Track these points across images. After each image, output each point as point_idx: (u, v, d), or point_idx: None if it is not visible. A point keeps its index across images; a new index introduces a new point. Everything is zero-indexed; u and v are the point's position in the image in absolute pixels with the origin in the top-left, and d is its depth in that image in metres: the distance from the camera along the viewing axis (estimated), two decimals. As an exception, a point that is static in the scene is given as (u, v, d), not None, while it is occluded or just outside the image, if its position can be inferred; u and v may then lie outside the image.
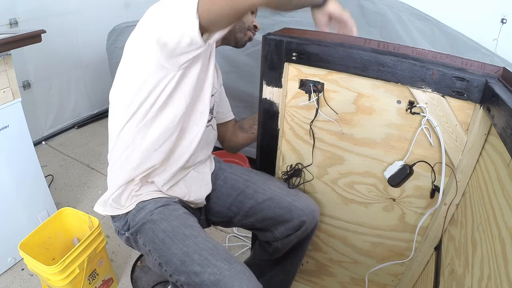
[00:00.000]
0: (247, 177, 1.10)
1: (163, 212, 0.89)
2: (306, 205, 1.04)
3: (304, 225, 1.03)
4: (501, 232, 0.61)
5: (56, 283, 1.19)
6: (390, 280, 1.19)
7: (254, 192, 1.06)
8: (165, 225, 0.86)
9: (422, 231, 1.02)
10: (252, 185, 1.07)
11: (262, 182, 1.07)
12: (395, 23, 1.68)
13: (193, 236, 0.83)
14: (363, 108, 0.94)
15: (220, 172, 1.13)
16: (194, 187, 1.03)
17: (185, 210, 0.95)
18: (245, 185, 1.08)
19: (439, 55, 0.85)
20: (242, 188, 1.08)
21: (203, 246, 0.81)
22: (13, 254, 1.50)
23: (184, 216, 0.91)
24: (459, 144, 0.85)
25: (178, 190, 0.99)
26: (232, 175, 1.12)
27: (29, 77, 2.24)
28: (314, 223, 1.07)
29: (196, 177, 1.04)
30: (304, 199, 1.05)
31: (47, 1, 2.19)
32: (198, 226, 0.89)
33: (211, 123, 1.07)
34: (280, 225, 1.05)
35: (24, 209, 1.52)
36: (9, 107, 1.37)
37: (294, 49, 0.93)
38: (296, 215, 1.02)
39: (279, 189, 1.06)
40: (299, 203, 1.03)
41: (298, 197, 1.05)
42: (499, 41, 2.20)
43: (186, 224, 0.87)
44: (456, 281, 0.77)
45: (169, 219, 0.88)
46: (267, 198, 1.04)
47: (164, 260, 0.84)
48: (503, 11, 2.19)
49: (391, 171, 0.95)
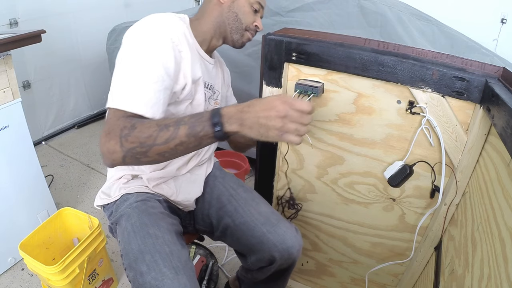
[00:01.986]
0: (233, 192, 1.04)
1: (140, 207, 0.89)
2: (282, 239, 0.93)
3: (275, 261, 0.94)
4: (501, 232, 0.61)
5: (56, 283, 1.19)
6: (390, 280, 1.19)
7: (234, 210, 0.99)
8: (136, 219, 0.86)
9: (422, 231, 1.02)
10: (234, 202, 1.01)
11: (245, 202, 1.00)
12: (395, 23, 1.68)
13: (155, 237, 0.81)
14: (363, 108, 0.94)
15: (212, 179, 1.09)
16: (184, 188, 1.00)
17: (163, 210, 0.92)
18: (228, 200, 1.02)
19: (439, 55, 0.85)
20: (225, 203, 1.02)
21: (159, 249, 0.79)
22: (13, 254, 1.50)
23: (159, 215, 0.89)
24: (459, 144, 0.85)
25: (166, 188, 0.97)
26: (221, 185, 1.07)
27: (29, 77, 2.24)
28: (290, 261, 0.96)
29: (189, 178, 1.02)
30: (282, 232, 0.94)
31: (47, 1, 2.19)
32: (167, 228, 0.85)
33: None
34: (252, 255, 0.99)
35: (24, 209, 1.52)
36: (9, 107, 1.37)
37: (294, 49, 0.93)
38: (267, 248, 0.93)
39: (258, 215, 0.97)
40: (273, 236, 0.93)
41: (276, 228, 0.94)
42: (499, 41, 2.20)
43: (155, 223, 0.85)
44: (456, 281, 0.77)
45: (141, 214, 0.87)
46: (244, 222, 0.97)
47: (124, 253, 0.83)
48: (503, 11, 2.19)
49: (391, 171, 0.95)
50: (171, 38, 0.80)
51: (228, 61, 1.80)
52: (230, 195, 1.03)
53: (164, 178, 0.97)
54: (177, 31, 0.84)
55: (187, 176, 1.01)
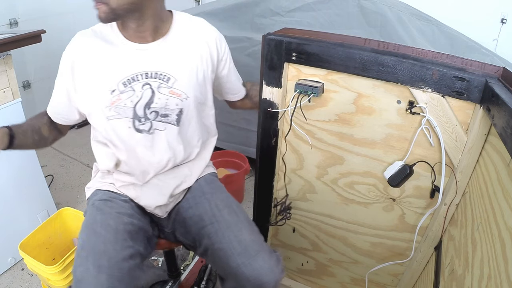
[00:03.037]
0: (217, 213, 0.96)
1: (98, 206, 0.95)
2: (257, 275, 0.85)
3: None
4: (501, 232, 0.61)
5: (56, 283, 1.19)
6: (390, 280, 1.19)
7: (214, 233, 0.92)
8: (90, 216, 0.92)
9: (422, 231, 1.02)
10: (216, 225, 0.93)
11: (226, 226, 0.92)
12: (395, 23, 1.68)
13: (98, 235, 0.86)
14: (363, 108, 0.94)
15: (199, 194, 1.02)
16: (148, 194, 0.98)
17: (125, 211, 0.94)
18: (210, 221, 0.95)
19: (439, 55, 0.85)
20: (207, 223, 0.95)
21: (95, 247, 0.83)
22: (13, 254, 1.50)
23: (114, 215, 0.91)
24: (459, 144, 0.85)
25: (131, 190, 0.98)
26: (206, 203, 0.99)
27: (29, 77, 2.25)
28: None
29: (156, 184, 0.98)
30: (258, 267, 0.85)
31: (47, 1, 2.19)
32: (116, 228, 0.87)
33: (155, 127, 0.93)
34: (227, 281, 0.94)
35: (24, 209, 1.52)
36: (9, 107, 1.37)
37: (294, 49, 0.93)
38: (240, 281, 0.87)
39: (237, 243, 0.89)
40: (248, 269, 0.85)
41: (253, 261, 0.86)
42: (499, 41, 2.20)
43: (105, 222, 0.89)
44: (456, 281, 0.77)
45: (96, 212, 0.92)
46: (221, 248, 0.90)
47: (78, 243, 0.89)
48: (503, 11, 2.19)
49: (391, 171, 0.95)
50: (64, 62, 0.93)
51: (228, 61, 1.80)
52: (213, 216, 0.95)
53: (129, 181, 0.98)
54: (70, 55, 0.92)
55: (154, 182, 0.99)
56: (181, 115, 0.95)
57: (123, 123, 0.91)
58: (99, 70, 0.90)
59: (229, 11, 1.98)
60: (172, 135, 0.95)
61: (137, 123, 0.91)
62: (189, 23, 0.97)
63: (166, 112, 0.93)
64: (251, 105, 1.16)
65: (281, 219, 1.22)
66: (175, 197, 1.02)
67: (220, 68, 1.03)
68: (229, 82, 1.08)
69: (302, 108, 1.01)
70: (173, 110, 0.93)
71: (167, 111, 0.92)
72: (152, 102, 0.91)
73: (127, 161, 0.96)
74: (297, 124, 1.05)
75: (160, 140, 0.94)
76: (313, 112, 1.01)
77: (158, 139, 0.94)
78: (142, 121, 0.92)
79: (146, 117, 0.91)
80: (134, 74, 0.90)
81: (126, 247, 0.85)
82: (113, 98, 0.89)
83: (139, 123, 0.91)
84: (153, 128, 0.93)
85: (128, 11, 0.84)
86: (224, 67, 1.03)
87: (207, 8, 2.08)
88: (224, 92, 1.11)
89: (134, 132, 0.92)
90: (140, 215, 0.97)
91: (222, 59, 1.02)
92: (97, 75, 0.90)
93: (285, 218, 1.21)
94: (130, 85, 0.90)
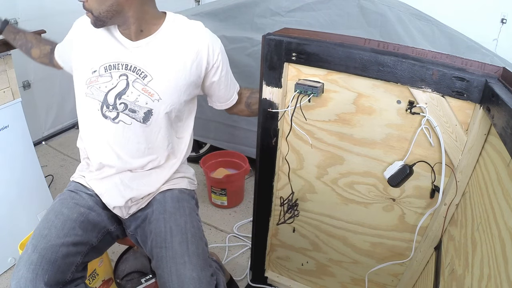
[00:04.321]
0: (168, 239, 0.93)
1: (63, 196, 1.01)
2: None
3: None
4: (501, 232, 0.61)
5: (56, 283, 1.19)
6: (390, 280, 1.19)
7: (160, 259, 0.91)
8: (53, 205, 0.99)
9: (422, 231, 1.02)
10: (164, 250, 0.91)
11: (172, 257, 0.90)
12: (395, 23, 1.68)
13: (48, 221, 0.92)
14: (363, 108, 0.94)
15: (161, 210, 0.99)
16: (110, 192, 0.99)
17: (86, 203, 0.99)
18: (160, 245, 0.92)
19: (439, 55, 0.85)
20: (158, 245, 0.93)
21: (40, 231, 0.89)
22: (13, 254, 1.50)
23: (71, 205, 0.97)
24: (459, 144, 0.85)
25: (97, 185, 1.01)
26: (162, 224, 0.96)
27: (29, 77, 2.24)
28: None
29: (117, 184, 0.99)
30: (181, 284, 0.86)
31: (47, 1, 2.19)
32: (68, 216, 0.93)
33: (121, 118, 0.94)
34: None
35: (24, 209, 1.52)
36: (9, 107, 1.37)
37: (294, 49, 0.93)
38: None
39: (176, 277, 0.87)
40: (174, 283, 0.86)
41: (176, 277, 0.87)
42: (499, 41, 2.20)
43: (59, 211, 0.95)
44: (456, 281, 0.77)
45: (58, 202, 0.98)
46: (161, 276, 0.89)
47: None
48: (503, 11, 2.19)
49: (391, 171, 0.95)
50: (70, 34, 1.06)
51: (228, 61, 1.81)
52: (164, 240, 0.92)
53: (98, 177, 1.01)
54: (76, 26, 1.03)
55: (115, 181, 0.99)
56: (149, 115, 0.95)
57: (93, 104, 0.96)
58: (91, 48, 0.98)
59: (229, 11, 1.98)
60: (137, 132, 0.96)
61: (104, 108, 0.95)
62: (182, 27, 0.97)
63: (134, 108, 0.94)
64: (248, 113, 1.15)
65: (290, 217, 1.21)
66: (136, 201, 1.01)
67: (210, 76, 1.01)
68: (218, 90, 1.05)
69: (302, 108, 1.01)
70: (142, 107, 0.94)
71: (136, 107, 0.94)
72: (124, 93, 0.94)
73: (88, 147, 1.02)
74: (297, 124, 1.05)
75: (124, 133, 0.96)
76: (313, 112, 1.01)
77: (122, 131, 0.95)
78: (110, 109, 0.95)
79: (115, 106, 0.95)
80: (116, 62, 0.95)
81: (71, 235, 0.90)
82: (92, 78, 0.96)
83: (106, 109, 0.95)
84: (119, 119, 0.95)
85: (111, 17, 0.90)
86: (214, 74, 1.01)
87: (207, 8, 2.08)
88: (211, 100, 1.11)
89: (100, 116, 0.96)
90: (102, 210, 1.01)
91: (213, 67, 0.99)
92: (88, 52, 0.98)
93: (293, 216, 1.21)
94: (110, 71, 0.95)
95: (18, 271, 0.81)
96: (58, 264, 0.84)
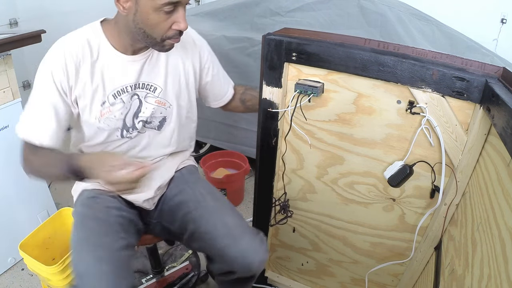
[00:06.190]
0: (201, 199, 1.00)
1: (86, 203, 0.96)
2: (242, 255, 0.90)
3: (235, 273, 0.94)
4: (501, 232, 0.61)
5: (56, 283, 1.19)
6: (390, 280, 1.19)
7: (199, 217, 0.96)
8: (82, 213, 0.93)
9: (422, 231, 1.02)
10: (200, 210, 0.97)
11: (211, 211, 0.96)
12: (395, 23, 1.68)
13: (90, 229, 0.88)
14: (363, 108, 0.94)
15: (182, 183, 1.07)
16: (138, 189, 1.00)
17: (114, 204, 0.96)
18: (195, 207, 0.99)
19: (439, 55, 0.85)
20: (191, 208, 0.99)
21: (88, 240, 0.85)
22: (13, 254, 1.50)
23: (103, 209, 0.94)
24: (459, 144, 0.85)
25: None
26: (190, 191, 1.04)
27: (29, 77, 2.24)
28: (250, 274, 0.95)
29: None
30: (243, 248, 0.90)
31: (47, 1, 2.19)
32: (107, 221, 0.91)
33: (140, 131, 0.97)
34: (214, 263, 0.99)
35: (24, 209, 1.52)
36: (9, 107, 1.37)
37: (294, 49, 0.93)
38: (225, 262, 0.93)
39: (222, 226, 0.93)
40: (233, 250, 0.90)
41: (238, 242, 0.91)
42: (499, 41, 2.20)
43: (94, 217, 0.91)
44: (456, 281, 0.77)
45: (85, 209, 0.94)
46: (206, 231, 0.94)
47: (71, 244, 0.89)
48: (503, 11, 2.19)
49: (391, 171, 0.95)
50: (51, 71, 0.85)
51: (228, 61, 1.80)
52: (197, 202, 1.00)
53: None
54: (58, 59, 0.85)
55: None
56: (163, 122, 0.99)
57: (110, 134, 0.94)
58: (89, 81, 0.87)
59: (229, 11, 1.98)
60: (152, 138, 1.00)
61: (125, 132, 0.95)
62: None
63: (151, 120, 0.97)
64: (243, 109, 1.18)
65: (282, 218, 1.22)
66: (160, 188, 1.05)
67: (203, 77, 1.06)
68: (213, 89, 1.10)
69: (302, 108, 1.01)
70: (157, 117, 0.98)
71: (152, 118, 0.97)
72: (139, 111, 0.94)
73: None
74: (297, 124, 1.05)
75: (140, 141, 0.99)
76: (313, 112, 1.01)
77: (139, 140, 0.99)
78: (130, 131, 0.95)
79: (134, 126, 0.95)
80: (124, 85, 0.91)
81: (119, 239, 0.88)
82: (104, 110, 0.90)
83: (127, 133, 0.95)
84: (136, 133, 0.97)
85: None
86: (207, 75, 1.06)
87: (207, 8, 2.08)
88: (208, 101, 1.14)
89: (119, 139, 0.96)
90: (128, 208, 1.00)
91: (204, 67, 1.04)
92: (87, 86, 0.87)
93: (287, 216, 1.21)
94: (120, 97, 0.91)
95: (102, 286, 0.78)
96: (126, 270, 0.85)
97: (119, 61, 0.89)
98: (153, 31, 0.81)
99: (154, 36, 0.82)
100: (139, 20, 0.79)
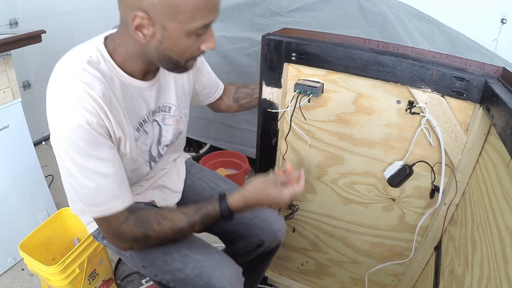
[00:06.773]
0: (214, 185, 1.06)
1: None
2: (268, 224, 0.99)
3: (263, 244, 0.99)
4: (501, 232, 0.61)
5: (56, 283, 1.19)
6: (390, 280, 1.19)
7: None
8: None
9: (422, 231, 1.02)
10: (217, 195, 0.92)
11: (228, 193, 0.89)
12: (395, 23, 1.68)
13: None
14: (362, 108, 0.94)
15: (189, 177, 1.10)
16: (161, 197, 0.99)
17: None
18: (211, 193, 1.04)
19: (438, 55, 0.85)
20: (207, 196, 1.03)
21: (180, 243, 0.84)
22: (13, 254, 1.50)
23: None
24: (458, 144, 0.85)
25: (147, 196, 0.95)
26: (200, 181, 1.08)
27: (29, 77, 2.24)
28: (276, 243, 1.03)
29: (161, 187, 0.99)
30: (267, 217, 1.00)
31: (47, 1, 2.19)
32: None
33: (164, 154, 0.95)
34: (240, 241, 1.02)
35: (24, 209, 1.52)
36: (9, 107, 1.37)
37: (293, 49, 0.93)
38: (255, 233, 0.98)
39: None
40: (260, 220, 0.99)
41: (261, 213, 1.00)
42: (499, 41, 2.20)
43: None
44: (456, 281, 0.77)
45: None
46: None
47: (147, 263, 0.86)
48: (503, 11, 2.19)
49: (391, 171, 0.95)
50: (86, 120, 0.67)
51: (228, 61, 1.81)
52: (212, 189, 1.06)
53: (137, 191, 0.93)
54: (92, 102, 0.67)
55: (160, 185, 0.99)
56: (179, 136, 0.98)
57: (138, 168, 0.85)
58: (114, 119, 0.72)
59: (229, 11, 1.98)
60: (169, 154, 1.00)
61: (153, 164, 0.90)
62: None
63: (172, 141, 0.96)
64: (237, 108, 1.16)
65: (288, 215, 1.21)
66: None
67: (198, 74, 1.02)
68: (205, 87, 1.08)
69: (301, 108, 1.01)
70: (175, 135, 0.96)
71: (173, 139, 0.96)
72: (161, 137, 0.90)
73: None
74: (296, 124, 1.05)
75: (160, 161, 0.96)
76: (313, 112, 1.01)
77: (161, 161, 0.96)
78: (157, 160, 0.91)
79: (159, 154, 0.92)
80: (144, 115, 0.82)
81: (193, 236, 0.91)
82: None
83: (155, 164, 0.91)
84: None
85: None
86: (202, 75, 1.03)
87: (207, 8, 2.07)
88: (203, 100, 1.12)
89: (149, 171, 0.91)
90: None
91: (198, 69, 1.01)
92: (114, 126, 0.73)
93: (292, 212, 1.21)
94: (142, 128, 0.83)
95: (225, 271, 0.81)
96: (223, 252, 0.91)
97: (136, 89, 0.79)
98: (181, 56, 0.72)
99: (180, 60, 0.73)
100: (165, 47, 0.69)
